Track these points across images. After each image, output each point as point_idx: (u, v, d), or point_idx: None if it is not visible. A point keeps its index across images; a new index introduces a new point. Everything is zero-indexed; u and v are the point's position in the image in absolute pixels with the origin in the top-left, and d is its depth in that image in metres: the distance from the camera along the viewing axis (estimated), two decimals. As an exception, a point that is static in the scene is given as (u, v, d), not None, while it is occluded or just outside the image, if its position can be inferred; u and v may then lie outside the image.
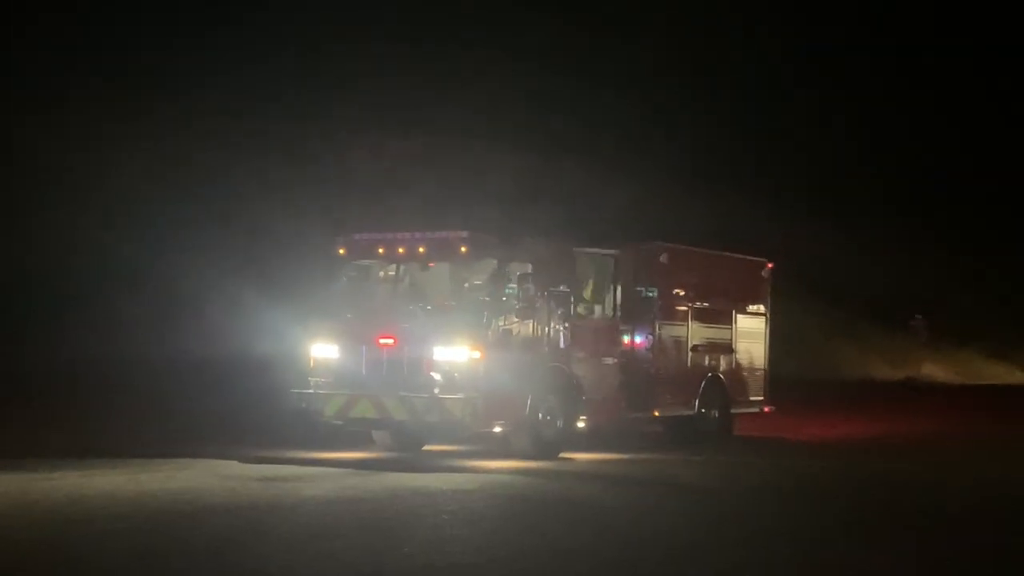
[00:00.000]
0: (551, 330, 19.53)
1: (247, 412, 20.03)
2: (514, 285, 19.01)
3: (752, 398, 23.71)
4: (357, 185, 19.06)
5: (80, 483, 15.56)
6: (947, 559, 11.69)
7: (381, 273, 19.83)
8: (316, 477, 16.74)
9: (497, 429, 18.69)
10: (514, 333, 18.89)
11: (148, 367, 22.10)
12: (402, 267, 19.58)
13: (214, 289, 21.48)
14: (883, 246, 42.08)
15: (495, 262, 19.02)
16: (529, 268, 19.23)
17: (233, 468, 17.36)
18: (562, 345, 19.72)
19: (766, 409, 23.99)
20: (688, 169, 37.16)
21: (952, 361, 41.28)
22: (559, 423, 19.41)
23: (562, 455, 19.11)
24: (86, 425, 19.50)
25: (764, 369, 24.01)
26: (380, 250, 19.54)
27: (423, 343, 18.56)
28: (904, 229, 44.02)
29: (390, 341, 18.80)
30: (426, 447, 19.88)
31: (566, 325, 19.77)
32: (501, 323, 18.73)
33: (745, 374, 23.55)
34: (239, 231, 22.95)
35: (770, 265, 24.48)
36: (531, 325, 19.15)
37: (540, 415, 19.03)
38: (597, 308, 20.74)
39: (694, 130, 38.02)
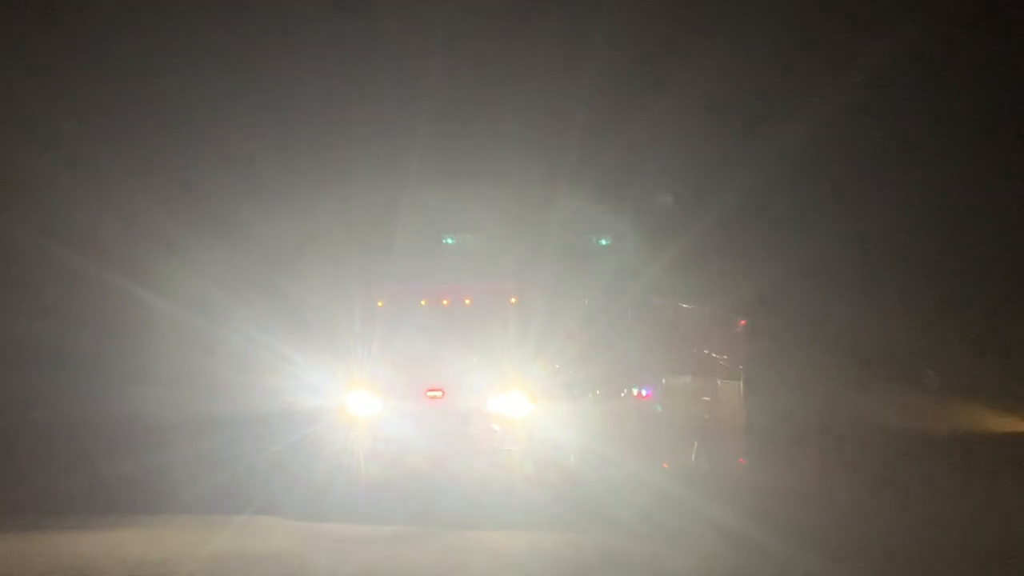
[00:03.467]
0: (595, 381, 19.28)
1: (292, 469, 19.44)
2: (560, 334, 18.72)
3: (728, 449, 23.17)
4: (399, 236, 18.70)
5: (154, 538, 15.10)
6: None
7: (423, 324, 19.27)
8: (367, 538, 15.92)
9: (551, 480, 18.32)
10: (562, 383, 18.59)
11: (194, 424, 21.56)
12: (445, 317, 19.03)
13: (255, 344, 20.99)
14: (895, 305, 41.94)
15: (541, 311, 18.67)
16: (573, 318, 18.96)
17: (305, 528, 16.48)
18: (604, 396, 19.47)
19: (741, 460, 23.56)
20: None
21: (959, 412, 41.33)
22: (605, 474, 19.06)
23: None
24: (142, 481, 18.89)
25: (742, 421, 23.43)
26: (423, 301, 19.07)
27: (473, 394, 18.17)
28: (917, 290, 43.82)
29: (438, 393, 18.38)
30: None
31: (608, 376, 19.54)
32: (549, 372, 18.43)
33: (723, 426, 22.90)
34: (277, 283, 22.50)
35: (743, 322, 24.02)
36: (579, 374, 18.87)
37: (590, 467, 18.71)
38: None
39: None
